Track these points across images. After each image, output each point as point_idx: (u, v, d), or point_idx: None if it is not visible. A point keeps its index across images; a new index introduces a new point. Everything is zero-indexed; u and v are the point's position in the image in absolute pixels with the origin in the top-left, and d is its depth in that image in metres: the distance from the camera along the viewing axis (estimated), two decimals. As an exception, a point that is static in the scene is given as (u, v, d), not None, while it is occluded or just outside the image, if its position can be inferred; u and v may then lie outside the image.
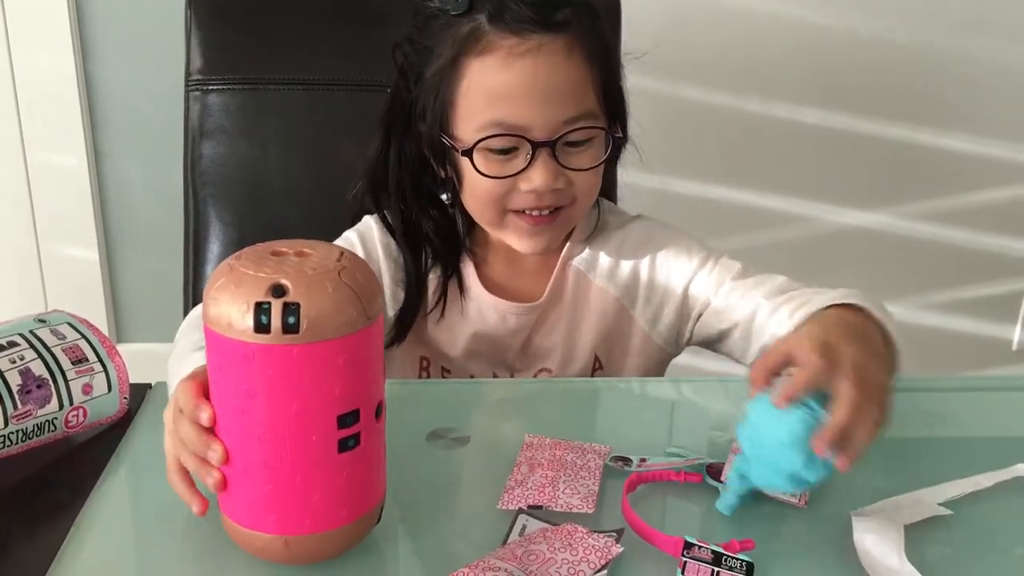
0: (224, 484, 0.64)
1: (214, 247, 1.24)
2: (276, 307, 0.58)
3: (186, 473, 0.68)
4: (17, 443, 0.77)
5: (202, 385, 0.66)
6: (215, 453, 0.64)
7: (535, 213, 0.94)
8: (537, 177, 0.91)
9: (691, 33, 1.92)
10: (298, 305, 0.59)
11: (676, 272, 1.01)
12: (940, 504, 0.72)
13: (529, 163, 0.91)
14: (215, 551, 0.69)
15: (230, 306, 0.59)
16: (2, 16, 1.94)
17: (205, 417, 0.64)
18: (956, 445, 0.87)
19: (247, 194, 1.24)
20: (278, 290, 0.59)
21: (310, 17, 1.27)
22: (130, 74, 2.00)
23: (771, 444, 0.66)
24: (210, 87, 1.24)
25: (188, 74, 1.25)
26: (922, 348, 2.23)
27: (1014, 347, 2.28)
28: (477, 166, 0.92)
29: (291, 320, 0.58)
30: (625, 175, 1.12)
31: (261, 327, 0.58)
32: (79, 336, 0.83)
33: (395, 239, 1.01)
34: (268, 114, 1.25)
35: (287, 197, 1.24)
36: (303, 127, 1.25)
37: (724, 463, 0.75)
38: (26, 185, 2.06)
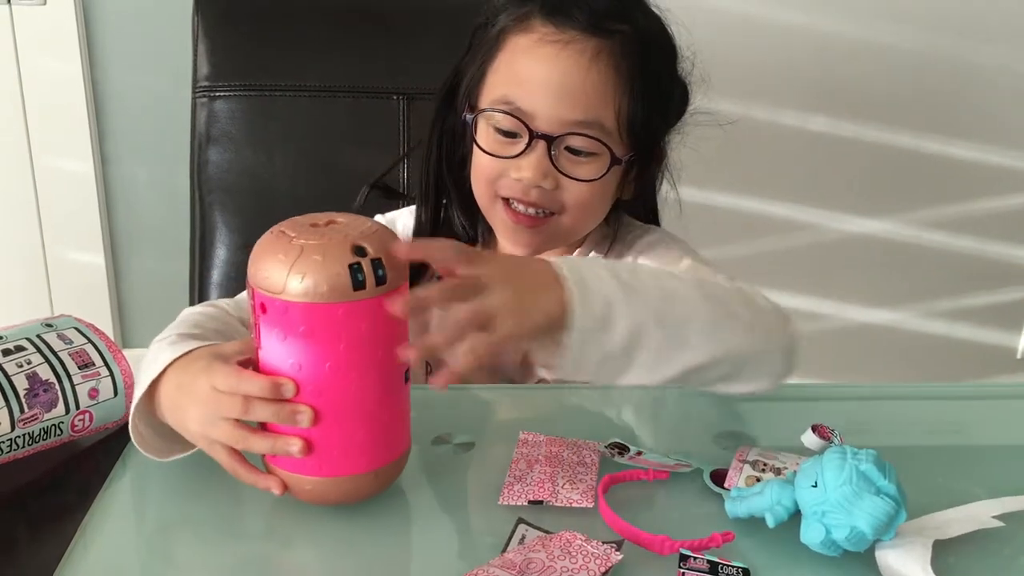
0: (309, 447, 0.68)
1: (220, 252, 1.25)
2: (366, 265, 0.65)
3: (245, 460, 0.70)
4: (24, 447, 0.77)
5: (240, 364, 0.69)
6: (304, 415, 0.66)
7: (520, 208, 0.93)
8: (526, 167, 0.90)
9: (697, 41, 1.92)
10: (381, 259, 0.66)
11: None
12: (993, 517, 0.70)
13: (523, 151, 0.91)
14: (220, 554, 0.69)
15: (322, 274, 0.64)
16: (10, 22, 1.95)
17: (291, 388, 0.66)
18: (960, 454, 0.87)
19: (253, 200, 1.25)
20: (360, 250, 0.65)
21: (317, 24, 1.28)
22: (137, 80, 2.01)
23: (842, 523, 0.65)
24: (217, 93, 1.24)
25: (195, 80, 1.25)
26: (926, 356, 2.23)
27: (1019, 355, 2.28)
28: (477, 137, 0.93)
29: (380, 273, 0.65)
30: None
31: (359, 284, 0.64)
32: (86, 341, 0.83)
33: (421, 214, 1.01)
34: (274, 120, 1.26)
35: (293, 203, 1.24)
36: (309, 133, 1.26)
37: (727, 469, 0.76)
38: (33, 190, 2.07)
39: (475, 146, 0.94)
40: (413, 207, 1.05)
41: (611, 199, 0.96)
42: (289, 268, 0.65)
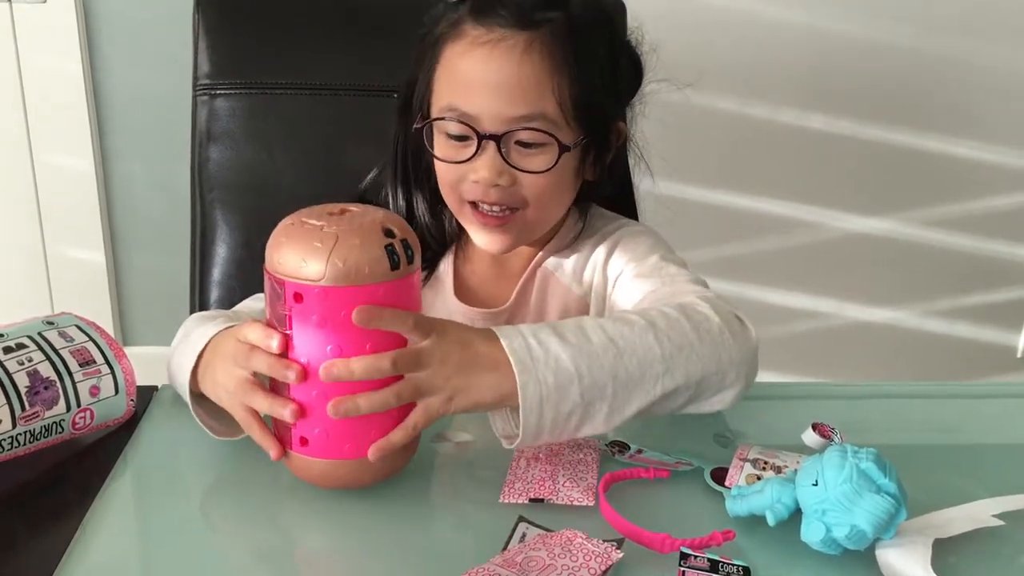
0: (343, 428, 0.70)
1: (220, 250, 1.25)
2: (398, 245, 0.68)
3: (259, 418, 0.74)
4: (25, 444, 0.77)
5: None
6: (293, 372, 0.69)
7: (484, 209, 0.94)
8: (481, 168, 0.92)
9: (696, 38, 1.92)
10: (407, 240, 0.69)
11: (613, 271, 1.00)
12: (993, 516, 0.71)
13: (475, 154, 0.92)
14: (220, 552, 0.70)
15: (362, 256, 0.66)
16: (11, 20, 1.95)
17: (276, 344, 0.70)
18: (961, 453, 0.87)
19: (254, 197, 1.25)
20: (390, 232, 0.68)
21: (317, 22, 1.28)
22: (138, 78, 2.01)
23: (842, 521, 0.65)
24: (218, 91, 1.24)
25: (196, 78, 1.25)
26: (926, 355, 2.23)
27: (1019, 354, 2.28)
28: (432, 146, 0.95)
29: (409, 253, 0.69)
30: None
31: (395, 264, 0.67)
32: (87, 338, 0.83)
33: None
34: (275, 118, 1.25)
35: (293, 200, 1.23)
36: (310, 131, 1.26)
37: (728, 467, 0.76)
38: (33, 188, 2.07)
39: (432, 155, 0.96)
40: None
41: (573, 185, 0.97)
42: (328, 254, 0.66)
